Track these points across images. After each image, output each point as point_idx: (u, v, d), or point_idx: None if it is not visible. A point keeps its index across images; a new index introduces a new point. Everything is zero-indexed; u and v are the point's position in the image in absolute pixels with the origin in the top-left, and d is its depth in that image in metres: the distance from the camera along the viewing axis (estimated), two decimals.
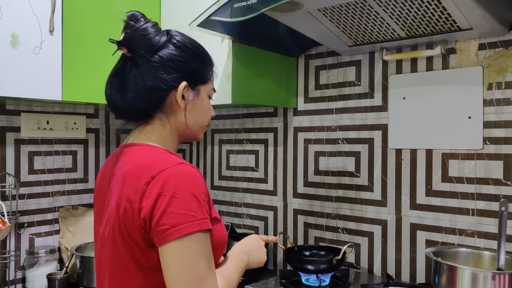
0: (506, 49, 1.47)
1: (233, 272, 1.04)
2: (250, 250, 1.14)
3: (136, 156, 0.97)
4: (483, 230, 1.51)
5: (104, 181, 1.04)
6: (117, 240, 0.93)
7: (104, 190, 1.03)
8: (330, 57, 1.86)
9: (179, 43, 1.02)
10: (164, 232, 0.87)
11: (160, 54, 0.99)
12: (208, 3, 1.45)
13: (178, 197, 0.88)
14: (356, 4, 1.35)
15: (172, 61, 0.99)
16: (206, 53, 1.09)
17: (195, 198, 0.90)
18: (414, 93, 1.65)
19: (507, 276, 1.21)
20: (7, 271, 1.82)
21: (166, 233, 0.87)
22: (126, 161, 0.98)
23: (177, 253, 0.87)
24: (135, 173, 0.93)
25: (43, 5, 1.56)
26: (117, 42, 0.99)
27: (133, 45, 0.98)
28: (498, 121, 1.48)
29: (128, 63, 1.00)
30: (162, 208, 0.87)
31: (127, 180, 0.93)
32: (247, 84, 1.73)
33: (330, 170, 1.87)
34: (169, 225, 0.87)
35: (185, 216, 0.88)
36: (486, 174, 1.50)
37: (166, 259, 0.88)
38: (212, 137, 2.29)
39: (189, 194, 0.89)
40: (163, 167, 0.91)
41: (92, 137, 2.12)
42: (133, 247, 0.92)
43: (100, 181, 1.07)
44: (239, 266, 1.08)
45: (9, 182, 1.81)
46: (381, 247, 1.73)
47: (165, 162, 0.93)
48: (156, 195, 0.88)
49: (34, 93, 1.54)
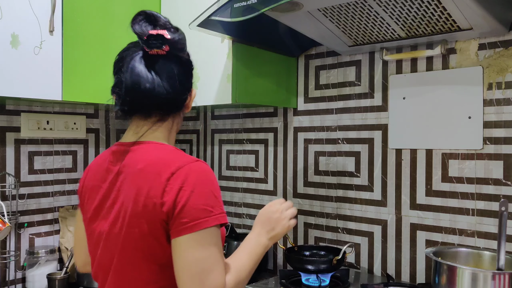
0: (506, 49, 1.47)
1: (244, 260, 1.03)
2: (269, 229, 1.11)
3: (150, 153, 0.98)
4: (483, 230, 1.51)
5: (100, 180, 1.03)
6: (132, 236, 0.94)
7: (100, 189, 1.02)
8: (330, 57, 1.86)
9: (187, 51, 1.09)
10: (182, 226, 0.90)
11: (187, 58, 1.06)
12: (208, 3, 1.45)
13: (197, 192, 0.91)
14: (356, 4, 1.35)
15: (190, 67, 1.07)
16: None
17: (212, 193, 0.94)
18: (414, 93, 1.65)
19: (507, 276, 1.20)
20: (7, 271, 1.82)
21: (184, 226, 0.90)
22: (137, 159, 0.98)
23: (190, 246, 0.90)
24: (153, 169, 0.94)
25: (43, 5, 1.56)
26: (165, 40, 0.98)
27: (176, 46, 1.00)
28: (498, 121, 1.48)
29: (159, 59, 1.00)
30: (183, 202, 0.90)
31: (145, 177, 0.94)
32: (247, 84, 1.73)
33: (330, 170, 1.87)
34: (188, 219, 0.90)
35: (203, 212, 0.91)
36: (486, 174, 1.50)
37: (179, 251, 0.91)
38: (212, 137, 2.29)
39: (207, 189, 0.93)
40: (182, 164, 0.94)
41: (92, 137, 2.12)
42: (151, 243, 0.93)
43: (94, 180, 1.06)
44: (254, 252, 1.06)
45: (9, 182, 1.81)
46: (381, 247, 1.73)
47: (183, 159, 0.96)
48: (177, 189, 0.91)
49: (34, 93, 1.54)
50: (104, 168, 1.04)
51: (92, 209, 1.04)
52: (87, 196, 1.07)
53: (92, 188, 1.06)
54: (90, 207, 1.05)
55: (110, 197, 1.00)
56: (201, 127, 2.34)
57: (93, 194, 1.05)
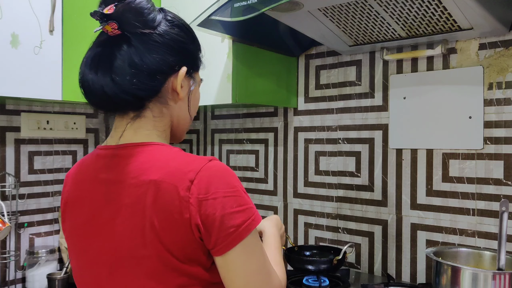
0: (507, 49, 1.47)
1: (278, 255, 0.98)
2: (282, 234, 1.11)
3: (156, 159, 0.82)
4: (483, 230, 1.50)
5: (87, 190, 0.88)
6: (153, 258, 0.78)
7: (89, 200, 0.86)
8: (331, 57, 1.86)
9: (177, 21, 0.90)
10: (232, 235, 0.77)
11: (159, 32, 0.85)
12: (208, 3, 1.45)
13: (230, 195, 0.78)
14: (357, 3, 1.35)
15: (173, 41, 0.87)
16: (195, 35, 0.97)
17: (242, 190, 0.81)
18: (414, 93, 1.64)
19: (507, 276, 1.20)
20: (7, 271, 1.82)
21: (235, 235, 0.77)
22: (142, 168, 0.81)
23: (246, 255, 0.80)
24: (167, 180, 0.78)
25: (43, 5, 1.56)
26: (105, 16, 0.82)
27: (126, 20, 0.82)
28: (498, 121, 1.48)
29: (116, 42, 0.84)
30: (220, 211, 0.76)
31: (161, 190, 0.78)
32: (247, 84, 1.73)
33: (330, 170, 1.87)
34: (235, 226, 0.77)
35: (246, 212, 0.79)
36: (487, 174, 1.50)
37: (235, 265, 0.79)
38: (212, 137, 2.29)
39: (237, 188, 0.80)
40: (197, 168, 0.79)
41: (92, 137, 2.12)
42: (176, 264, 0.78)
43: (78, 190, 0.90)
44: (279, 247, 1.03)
45: (9, 182, 1.81)
46: (381, 247, 1.73)
47: (196, 161, 0.80)
48: (204, 199, 0.77)
49: (34, 93, 1.54)
50: (91, 176, 0.88)
51: (79, 224, 0.88)
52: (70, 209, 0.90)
53: (78, 200, 0.89)
54: (76, 221, 0.89)
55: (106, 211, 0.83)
56: (201, 127, 2.34)
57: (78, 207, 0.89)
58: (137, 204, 0.79)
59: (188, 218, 0.76)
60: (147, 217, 0.78)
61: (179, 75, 0.87)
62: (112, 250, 0.82)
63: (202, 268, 0.80)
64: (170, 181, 0.77)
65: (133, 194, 0.80)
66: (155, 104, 0.87)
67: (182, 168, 0.79)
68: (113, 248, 0.82)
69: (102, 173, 0.86)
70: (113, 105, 0.86)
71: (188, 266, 0.79)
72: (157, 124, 0.88)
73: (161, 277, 0.78)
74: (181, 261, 0.78)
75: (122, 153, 0.85)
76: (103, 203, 0.84)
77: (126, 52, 0.83)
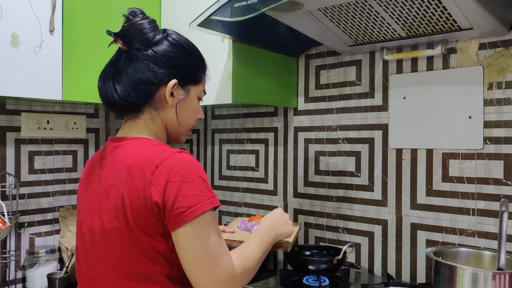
0: (507, 48, 1.47)
1: (253, 247, 1.07)
2: (278, 226, 1.19)
3: (136, 148, 0.99)
4: (483, 230, 1.51)
5: (92, 174, 1.06)
6: (122, 230, 0.95)
7: (93, 184, 1.04)
8: (331, 57, 1.86)
9: (174, 40, 1.05)
10: (181, 215, 0.91)
11: (154, 49, 1.02)
12: (208, 3, 1.45)
13: (186, 181, 0.92)
14: (357, 3, 1.35)
15: (165, 57, 1.03)
16: (200, 54, 1.12)
17: (201, 179, 0.95)
18: (414, 92, 1.65)
19: (507, 276, 1.20)
20: (7, 271, 1.82)
21: (183, 215, 0.91)
22: (125, 154, 0.99)
23: (194, 235, 0.91)
24: (139, 164, 0.95)
25: (43, 5, 1.56)
26: (114, 34, 1.03)
27: (129, 37, 1.02)
28: (498, 121, 1.48)
29: (122, 56, 1.03)
30: (174, 193, 0.91)
31: (132, 172, 0.95)
32: (247, 84, 1.73)
33: (330, 170, 1.87)
34: (184, 207, 0.91)
35: (198, 197, 0.92)
36: (487, 174, 1.50)
37: (183, 242, 0.92)
38: (212, 137, 2.29)
39: (195, 176, 0.94)
40: (164, 156, 0.94)
41: (92, 136, 2.12)
42: (141, 237, 0.94)
43: (88, 175, 1.08)
44: (263, 242, 1.11)
45: (9, 182, 1.81)
46: (381, 247, 1.73)
47: (166, 151, 0.96)
48: (164, 182, 0.91)
49: (34, 92, 1.54)
50: (96, 163, 1.06)
51: (83, 202, 1.06)
52: (80, 189, 1.09)
53: (85, 182, 1.08)
54: (81, 201, 1.07)
55: (100, 193, 1.00)
56: (201, 126, 2.34)
57: (85, 188, 1.07)
58: (115, 184, 0.97)
59: (149, 196, 0.92)
60: (120, 195, 0.95)
61: (168, 86, 1.03)
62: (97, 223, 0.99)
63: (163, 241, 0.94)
64: (140, 165, 0.95)
65: (114, 176, 0.98)
66: (149, 109, 1.04)
67: (152, 156, 0.95)
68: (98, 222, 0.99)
69: (102, 160, 1.05)
70: (115, 108, 1.05)
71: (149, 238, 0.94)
72: (150, 125, 1.05)
73: (128, 246, 0.94)
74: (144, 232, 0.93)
75: (115, 144, 1.04)
76: (98, 185, 1.02)
77: (126, 65, 1.02)
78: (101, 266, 0.99)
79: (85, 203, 1.05)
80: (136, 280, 0.95)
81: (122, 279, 0.96)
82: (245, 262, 1.01)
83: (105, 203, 0.98)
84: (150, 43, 1.02)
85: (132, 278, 0.96)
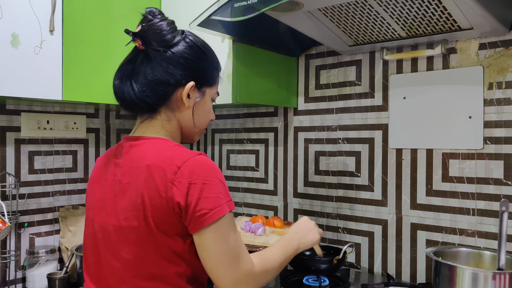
0: (507, 48, 1.47)
1: (274, 252, 1.10)
2: (301, 236, 1.22)
3: (155, 148, 1.00)
4: (483, 230, 1.51)
5: (105, 172, 1.06)
6: (141, 229, 0.95)
7: (105, 181, 1.04)
8: (331, 57, 1.86)
9: (192, 42, 1.05)
10: (204, 216, 0.93)
11: (173, 50, 1.02)
12: (208, 3, 1.45)
13: (208, 183, 0.94)
14: (357, 3, 1.35)
15: (183, 59, 1.03)
16: (215, 56, 1.12)
17: (220, 182, 0.97)
18: (414, 92, 1.65)
19: (507, 276, 1.20)
20: (7, 271, 1.82)
21: (206, 217, 0.93)
22: (143, 154, 0.99)
23: (216, 236, 0.94)
24: (159, 164, 0.95)
25: (43, 5, 1.56)
26: (133, 33, 1.02)
27: (148, 38, 1.01)
28: (498, 121, 1.48)
29: (139, 56, 1.03)
30: (197, 195, 0.93)
31: (152, 172, 0.95)
32: (247, 84, 1.73)
33: (330, 170, 1.87)
34: (207, 209, 0.93)
35: (218, 199, 0.95)
36: (487, 174, 1.50)
37: (206, 243, 0.94)
38: (212, 137, 2.29)
39: (216, 179, 0.96)
40: (186, 158, 0.96)
41: (92, 136, 2.12)
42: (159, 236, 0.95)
43: (100, 173, 1.08)
44: (286, 248, 1.14)
45: (9, 182, 1.81)
46: (381, 247, 1.73)
47: (187, 153, 0.97)
48: (187, 183, 0.93)
49: (34, 92, 1.54)
50: (109, 161, 1.06)
51: (94, 200, 1.06)
52: (91, 187, 1.10)
53: (97, 180, 1.08)
54: (92, 198, 1.08)
55: (115, 191, 1.01)
56: None
57: (96, 186, 1.07)
58: (133, 183, 0.97)
59: (171, 197, 0.93)
60: (139, 194, 0.95)
61: (186, 88, 1.03)
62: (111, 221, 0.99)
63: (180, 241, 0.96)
64: (161, 165, 0.95)
65: (132, 175, 0.98)
66: (165, 110, 1.05)
67: (172, 156, 0.96)
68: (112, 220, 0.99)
69: (116, 159, 1.05)
70: (131, 107, 1.05)
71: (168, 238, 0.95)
72: (166, 126, 1.05)
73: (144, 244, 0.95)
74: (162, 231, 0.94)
75: (132, 143, 1.04)
76: (112, 183, 1.02)
77: (143, 65, 1.02)
78: (113, 264, 1.00)
79: (97, 201, 1.05)
80: (149, 280, 0.96)
81: (135, 278, 0.97)
82: (264, 263, 1.03)
83: (121, 201, 0.99)
84: (169, 45, 1.02)
85: (145, 277, 0.96)
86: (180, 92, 1.04)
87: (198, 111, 1.09)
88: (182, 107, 1.06)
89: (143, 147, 1.01)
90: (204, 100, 1.10)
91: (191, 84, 1.03)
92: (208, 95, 1.11)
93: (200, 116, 1.10)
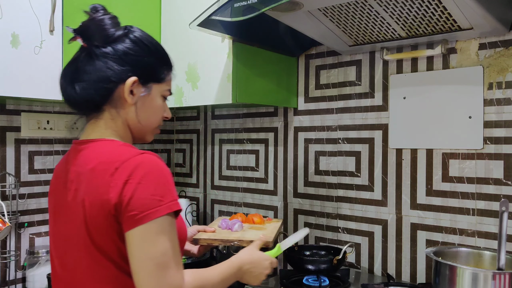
0: (507, 48, 1.47)
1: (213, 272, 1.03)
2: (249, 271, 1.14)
3: (99, 151, 0.97)
4: (483, 230, 1.51)
5: (59, 179, 1.03)
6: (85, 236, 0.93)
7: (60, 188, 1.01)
8: (331, 57, 1.86)
9: (136, 38, 1.01)
10: (133, 218, 0.88)
11: (114, 46, 0.98)
12: (208, 3, 1.45)
13: (144, 183, 0.89)
14: (357, 3, 1.35)
15: (125, 54, 0.99)
16: (165, 52, 1.07)
17: (161, 183, 0.91)
18: (414, 92, 1.65)
19: (507, 276, 1.20)
20: (7, 271, 1.82)
21: (135, 218, 0.88)
22: (87, 158, 0.96)
23: (142, 240, 0.88)
24: (100, 167, 0.93)
25: (43, 5, 1.56)
26: (74, 30, 0.99)
27: (88, 34, 0.98)
28: (498, 121, 1.48)
29: (82, 54, 1.00)
30: (129, 194, 0.88)
31: (94, 176, 0.92)
32: (247, 84, 1.73)
33: (330, 170, 1.87)
34: (137, 210, 0.88)
35: (152, 201, 0.89)
36: (487, 174, 1.50)
37: (133, 245, 0.89)
38: (212, 136, 2.29)
39: (154, 179, 0.91)
40: (125, 158, 0.92)
41: None
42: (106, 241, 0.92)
43: (56, 180, 1.06)
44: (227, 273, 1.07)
45: (9, 182, 1.81)
46: (381, 247, 1.73)
47: (127, 152, 0.94)
48: (122, 183, 0.89)
49: (34, 92, 1.54)
50: (63, 168, 1.03)
51: (51, 208, 1.05)
52: (50, 196, 1.07)
53: (52, 187, 1.06)
54: (50, 206, 1.06)
55: (67, 198, 0.98)
56: (201, 126, 2.34)
57: (53, 194, 1.05)
58: (78, 190, 0.95)
59: (108, 199, 0.89)
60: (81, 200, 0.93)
61: (126, 83, 0.99)
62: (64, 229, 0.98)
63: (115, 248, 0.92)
64: (101, 168, 0.92)
65: (78, 181, 0.95)
66: (109, 108, 1.01)
67: (113, 158, 0.93)
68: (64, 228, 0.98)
69: (67, 165, 1.01)
70: (75, 107, 1.02)
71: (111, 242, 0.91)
72: (110, 125, 1.01)
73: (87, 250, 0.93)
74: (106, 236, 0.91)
75: (77, 148, 1.01)
76: (63, 190, 0.99)
77: (85, 62, 0.98)
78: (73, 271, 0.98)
79: (52, 210, 1.04)
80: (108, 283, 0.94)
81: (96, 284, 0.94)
82: (198, 283, 0.96)
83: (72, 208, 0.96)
84: (110, 40, 0.98)
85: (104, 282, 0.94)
86: (122, 88, 0.99)
87: (143, 107, 1.03)
88: (126, 104, 1.01)
89: (88, 151, 0.98)
90: (151, 97, 1.04)
91: (132, 79, 0.99)
92: (156, 92, 1.05)
93: (147, 114, 1.04)
